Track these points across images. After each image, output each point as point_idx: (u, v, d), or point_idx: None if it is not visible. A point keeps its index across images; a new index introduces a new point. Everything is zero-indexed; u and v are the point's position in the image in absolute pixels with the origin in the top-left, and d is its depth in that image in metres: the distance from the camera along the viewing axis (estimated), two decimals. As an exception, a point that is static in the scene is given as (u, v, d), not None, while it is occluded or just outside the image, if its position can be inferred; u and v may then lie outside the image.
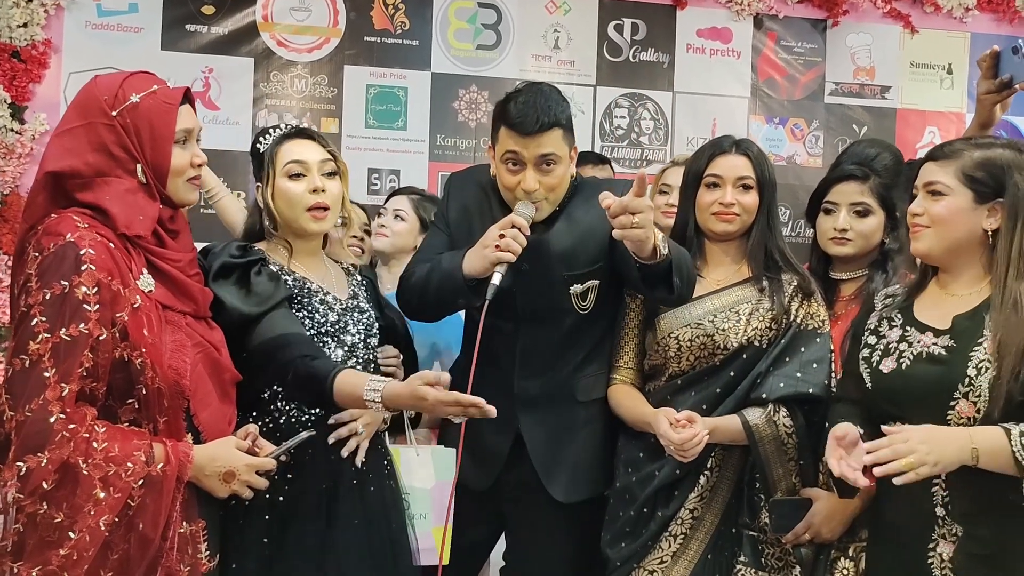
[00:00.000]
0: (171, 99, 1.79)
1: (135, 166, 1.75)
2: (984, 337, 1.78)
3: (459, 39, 3.97)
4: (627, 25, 4.09)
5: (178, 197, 1.83)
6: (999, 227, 1.82)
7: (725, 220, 2.23)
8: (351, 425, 2.04)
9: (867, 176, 2.33)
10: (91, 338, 1.62)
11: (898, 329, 1.92)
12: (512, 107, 2.13)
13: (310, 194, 2.04)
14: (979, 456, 1.71)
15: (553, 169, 2.13)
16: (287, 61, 3.83)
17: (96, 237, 1.67)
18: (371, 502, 2.08)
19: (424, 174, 3.89)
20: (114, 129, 1.74)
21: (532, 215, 2.11)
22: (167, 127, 1.77)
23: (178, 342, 1.76)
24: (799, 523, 2.11)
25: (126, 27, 3.67)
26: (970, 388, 1.77)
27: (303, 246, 2.11)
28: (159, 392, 1.70)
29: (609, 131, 4.09)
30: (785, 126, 4.22)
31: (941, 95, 4.21)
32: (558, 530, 2.26)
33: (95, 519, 1.59)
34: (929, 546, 1.82)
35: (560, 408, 2.25)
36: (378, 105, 3.90)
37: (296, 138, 2.09)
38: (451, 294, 2.11)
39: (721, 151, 2.26)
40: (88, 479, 1.59)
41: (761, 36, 4.18)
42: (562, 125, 2.14)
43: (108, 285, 1.66)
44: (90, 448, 1.60)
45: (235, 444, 1.79)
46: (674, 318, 2.22)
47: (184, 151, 1.81)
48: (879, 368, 1.90)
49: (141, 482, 1.63)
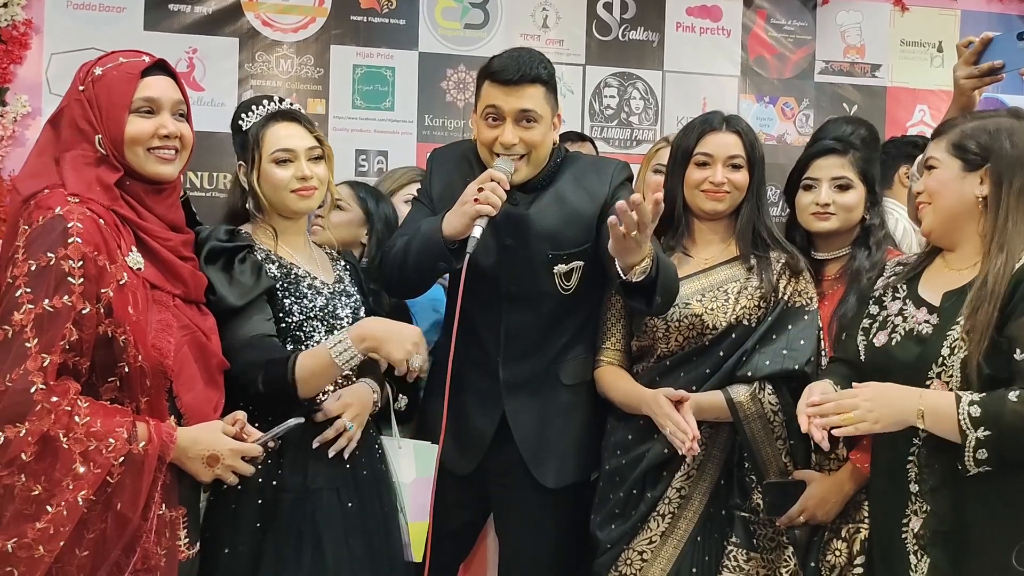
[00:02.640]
0: (133, 69, 1.78)
1: (95, 137, 1.75)
2: (963, 315, 1.78)
3: (446, 18, 3.93)
4: (616, 4, 4.05)
5: (140, 167, 1.79)
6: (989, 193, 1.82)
7: (715, 199, 2.21)
8: (337, 424, 1.99)
9: (847, 150, 2.30)
10: (74, 311, 1.62)
11: (899, 302, 1.92)
12: (495, 60, 2.12)
13: (297, 180, 2.03)
14: (925, 417, 1.72)
15: (533, 127, 2.10)
16: (272, 41, 3.78)
17: (85, 212, 1.67)
18: (364, 486, 2.07)
19: (412, 154, 3.86)
20: (81, 103, 1.76)
21: (511, 171, 2.07)
22: (122, 96, 1.76)
23: (164, 322, 1.74)
24: (793, 505, 2.11)
25: (108, 7, 3.62)
26: (943, 368, 1.78)
27: (288, 227, 2.09)
28: (141, 371, 1.69)
29: (599, 111, 4.06)
30: (775, 105, 4.20)
31: (931, 73, 4.20)
32: (545, 514, 2.25)
33: (73, 493, 1.58)
34: (903, 521, 1.83)
35: (546, 392, 2.23)
36: (365, 85, 3.86)
37: (283, 121, 2.06)
38: (431, 259, 2.07)
39: (711, 128, 2.23)
40: (68, 453, 1.59)
41: (751, 14, 4.15)
42: (544, 83, 2.11)
43: (94, 260, 1.65)
44: (71, 422, 1.60)
45: (221, 428, 1.78)
46: (663, 298, 2.20)
47: (146, 120, 1.78)
48: (872, 341, 1.92)
49: (122, 459, 1.62)
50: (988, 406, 1.69)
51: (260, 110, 2.07)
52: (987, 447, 1.68)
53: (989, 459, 1.69)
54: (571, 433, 2.25)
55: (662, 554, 2.15)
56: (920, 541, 1.80)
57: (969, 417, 1.68)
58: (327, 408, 1.99)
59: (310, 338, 2.02)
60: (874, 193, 2.31)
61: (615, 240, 1.87)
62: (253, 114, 2.07)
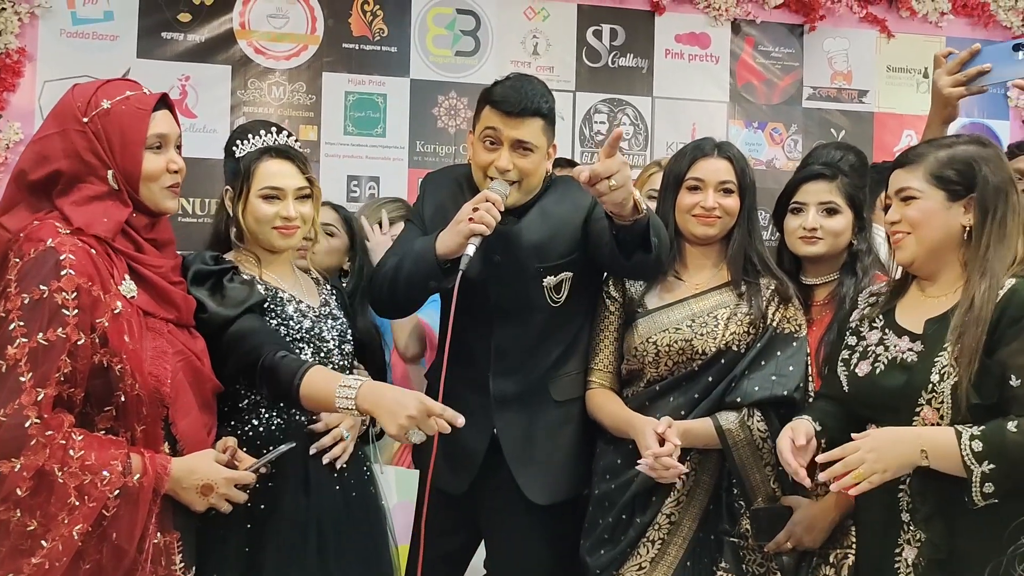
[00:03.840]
0: (144, 104, 1.78)
1: (106, 172, 1.75)
2: (949, 342, 1.78)
3: (438, 45, 3.97)
4: (606, 31, 4.09)
5: (154, 203, 1.81)
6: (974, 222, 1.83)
7: (706, 224, 2.23)
8: (335, 432, 2.02)
9: (835, 175, 2.32)
10: (69, 343, 1.61)
11: (878, 332, 1.92)
12: (499, 88, 2.14)
13: (280, 219, 2.04)
14: (928, 457, 1.72)
15: (529, 155, 2.13)
16: (265, 68, 3.81)
17: (77, 243, 1.68)
18: (353, 509, 2.07)
19: (404, 181, 3.88)
20: (85, 135, 1.74)
21: (506, 193, 2.10)
22: (138, 132, 1.76)
23: (159, 348, 1.74)
24: (780, 531, 2.11)
25: (101, 35, 3.65)
26: (932, 395, 1.78)
27: (271, 258, 2.10)
28: (138, 399, 1.69)
29: (589, 136, 4.09)
30: (764, 130, 4.24)
31: (918, 99, 4.23)
32: (536, 534, 2.24)
33: (69, 528, 1.58)
34: (895, 551, 1.83)
35: (536, 407, 2.23)
36: (357, 112, 3.89)
37: (277, 158, 2.05)
38: (423, 277, 2.09)
39: (703, 154, 2.25)
40: (63, 487, 1.58)
41: (739, 41, 4.20)
42: (544, 116, 2.14)
43: (88, 290, 1.65)
44: (66, 456, 1.59)
45: (214, 457, 1.77)
46: (652, 322, 2.21)
47: (158, 156, 1.80)
48: (855, 371, 1.91)
49: (117, 492, 1.62)
50: (989, 439, 1.68)
51: (256, 140, 2.05)
52: (993, 480, 1.67)
53: (996, 492, 1.69)
54: (562, 450, 2.25)
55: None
56: (916, 571, 1.79)
57: (972, 452, 1.68)
58: (327, 419, 2.01)
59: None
60: (862, 219, 2.33)
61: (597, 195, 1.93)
62: (248, 143, 2.05)
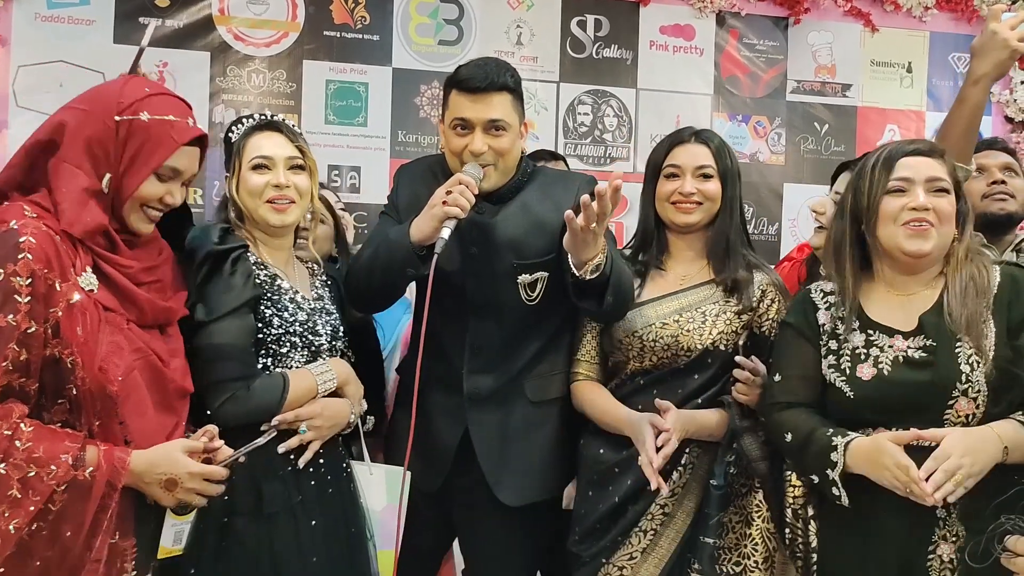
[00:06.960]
0: (180, 137, 1.75)
1: (104, 172, 1.71)
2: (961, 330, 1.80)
3: (420, 34, 3.93)
4: (590, 21, 4.07)
5: (129, 221, 1.77)
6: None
7: (685, 210, 2.20)
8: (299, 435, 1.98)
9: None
10: (19, 331, 1.57)
11: (859, 333, 1.90)
12: (462, 70, 2.12)
13: (272, 188, 2.01)
14: (1009, 452, 1.74)
15: (502, 135, 2.10)
16: (244, 55, 3.76)
17: (41, 227, 1.63)
18: (329, 504, 2.03)
19: (385, 170, 3.84)
20: (108, 130, 1.71)
21: (480, 176, 2.07)
22: (157, 157, 1.74)
23: (115, 344, 1.68)
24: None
25: (77, 19, 3.58)
26: (968, 385, 1.79)
27: (269, 241, 2.07)
28: (90, 393, 1.64)
29: (572, 128, 4.06)
30: (748, 123, 4.23)
31: (901, 93, 4.24)
32: (508, 534, 2.22)
33: (7, 522, 1.53)
34: (928, 548, 1.81)
35: (511, 407, 2.20)
36: (338, 101, 3.84)
37: (265, 131, 2.07)
38: (399, 264, 2.05)
39: (680, 141, 2.23)
40: (5, 479, 1.54)
41: (723, 33, 4.19)
42: (512, 90, 2.12)
43: (44, 277, 1.60)
44: (11, 447, 1.55)
45: (182, 448, 1.71)
46: (639, 316, 2.18)
47: (160, 185, 1.77)
48: (857, 376, 1.88)
49: (64, 487, 1.57)
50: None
51: (249, 123, 2.09)
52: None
53: None
54: (536, 451, 2.21)
55: (642, 571, 2.12)
56: (952, 566, 1.78)
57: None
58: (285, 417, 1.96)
59: (287, 356, 2.00)
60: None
61: (571, 234, 1.91)
62: (242, 127, 2.09)
